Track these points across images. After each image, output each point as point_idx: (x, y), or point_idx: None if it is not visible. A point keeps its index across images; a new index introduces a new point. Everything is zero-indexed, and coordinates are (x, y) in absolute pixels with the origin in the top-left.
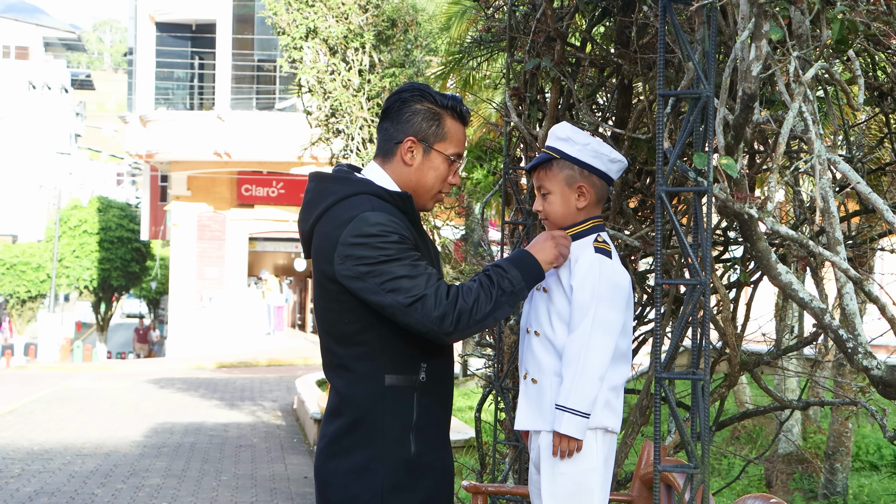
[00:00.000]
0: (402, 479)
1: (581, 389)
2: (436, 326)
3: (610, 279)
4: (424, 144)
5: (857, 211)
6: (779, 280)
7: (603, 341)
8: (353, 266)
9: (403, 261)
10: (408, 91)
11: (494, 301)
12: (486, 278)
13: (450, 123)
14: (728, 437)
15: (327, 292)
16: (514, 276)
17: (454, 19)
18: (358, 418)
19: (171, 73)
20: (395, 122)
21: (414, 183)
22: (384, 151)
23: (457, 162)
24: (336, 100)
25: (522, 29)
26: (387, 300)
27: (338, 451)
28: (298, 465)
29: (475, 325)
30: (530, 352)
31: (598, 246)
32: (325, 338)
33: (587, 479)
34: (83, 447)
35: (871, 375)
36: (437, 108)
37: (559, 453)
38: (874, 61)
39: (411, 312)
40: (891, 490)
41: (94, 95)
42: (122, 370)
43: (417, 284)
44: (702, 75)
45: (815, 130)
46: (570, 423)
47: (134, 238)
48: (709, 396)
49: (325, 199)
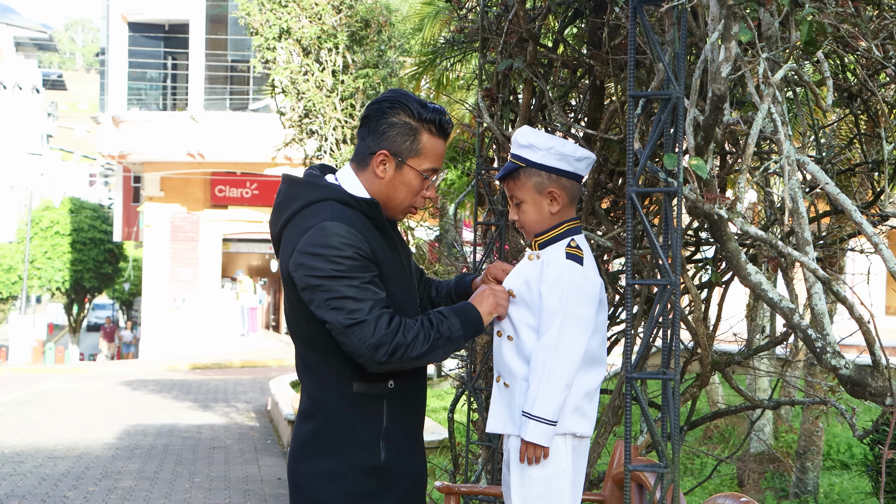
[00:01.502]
0: (371, 486)
1: (546, 397)
2: (369, 354)
3: (579, 286)
4: (397, 159)
5: (827, 212)
6: (749, 280)
7: (570, 349)
8: (303, 276)
9: (353, 280)
10: (387, 101)
11: (431, 343)
12: (427, 321)
13: (426, 139)
14: (700, 437)
15: (294, 294)
16: (454, 323)
17: (427, 20)
18: (328, 423)
19: (143, 74)
20: (372, 133)
21: (384, 196)
22: (359, 159)
23: (431, 177)
24: (309, 100)
25: (495, 30)
26: (328, 317)
27: (309, 455)
28: (272, 467)
29: (408, 361)
30: (501, 355)
31: (571, 252)
32: (296, 341)
33: (556, 482)
34: (55, 449)
35: (840, 375)
36: (415, 122)
37: (525, 459)
38: (843, 63)
39: (349, 334)
40: (861, 488)
41: (66, 96)
42: (95, 372)
43: (361, 308)
44: (672, 76)
45: (785, 132)
46: (535, 430)
47: (106, 239)
48: (679, 396)
49: (293, 204)
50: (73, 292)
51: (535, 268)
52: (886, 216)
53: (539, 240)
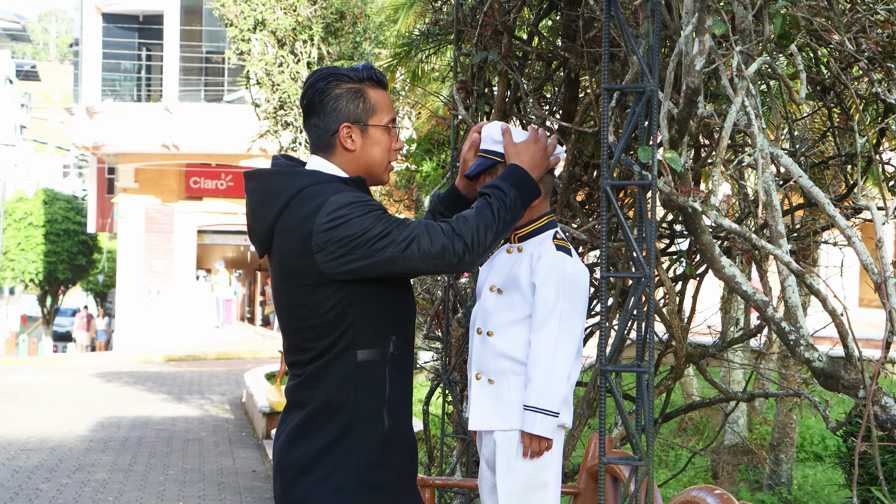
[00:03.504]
0: (375, 455)
1: (552, 389)
2: (439, 260)
3: (573, 277)
4: (360, 125)
5: (801, 204)
6: (722, 273)
7: (569, 340)
8: (336, 248)
9: (383, 221)
10: (321, 80)
11: (497, 218)
12: (485, 204)
13: (373, 94)
14: (675, 429)
15: (300, 289)
16: (513, 197)
17: (402, 11)
18: (328, 400)
19: (117, 65)
20: (322, 115)
21: (364, 164)
22: (322, 145)
23: (394, 127)
24: (284, 92)
25: (470, 22)
26: (382, 257)
27: (309, 432)
28: (247, 459)
29: (484, 243)
30: (483, 352)
31: (559, 243)
32: (294, 335)
33: (542, 474)
34: (28, 442)
35: (813, 367)
36: (356, 84)
37: (529, 453)
38: (816, 56)
39: (409, 256)
40: (834, 480)
41: (40, 86)
42: (69, 364)
43: (406, 232)
44: (646, 69)
45: (758, 124)
46: (543, 423)
47: (80, 231)
48: (653, 389)
49: (281, 195)
50: (47, 284)
51: (520, 261)
52: (859, 209)
53: (519, 233)
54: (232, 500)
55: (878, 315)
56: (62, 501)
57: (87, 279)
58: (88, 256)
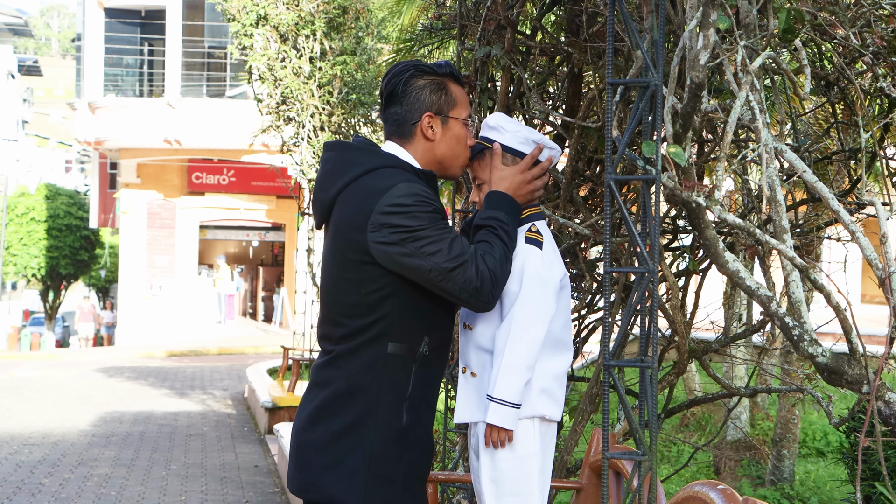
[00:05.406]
0: (390, 449)
1: (508, 380)
2: (475, 295)
3: (537, 271)
4: (441, 116)
5: (804, 200)
6: (726, 268)
7: (530, 332)
8: (389, 234)
9: (440, 227)
10: (405, 71)
11: (506, 251)
12: (496, 238)
13: (454, 89)
14: (677, 425)
15: (347, 262)
16: (502, 217)
17: (405, 6)
18: (351, 385)
19: (119, 60)
20: (404, 104)
21: (440, 155)
22: (401, 133)
23: (469, 123)
24: (287, 87)
25: (473, 17)
26: (427, 263)
27: (328, 415)
28: (249, 454)
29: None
30: (466, 346)
31: (530, 236)
32: (332, 308)
33: (525, 465)
34: (30, 436)
35: (817, 363)
36: (439, 77)
37: (491, 443)
38: (821, 51)
39: (453, 277)
40: (836, 476)
41: (42, 82)
42: (71, 359)
43: (458, 251)
44: (650, 64)
45: (763, 119)
46: (497, 413)
47: (83, 226)
48: (657, 384)
49: (352, 169)
50: (49, 279)
51: None
52: (863, 204)
53: None
54: (234, 494)
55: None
56: (65, 496)
57: (90, 274)
58: (90, 252)
